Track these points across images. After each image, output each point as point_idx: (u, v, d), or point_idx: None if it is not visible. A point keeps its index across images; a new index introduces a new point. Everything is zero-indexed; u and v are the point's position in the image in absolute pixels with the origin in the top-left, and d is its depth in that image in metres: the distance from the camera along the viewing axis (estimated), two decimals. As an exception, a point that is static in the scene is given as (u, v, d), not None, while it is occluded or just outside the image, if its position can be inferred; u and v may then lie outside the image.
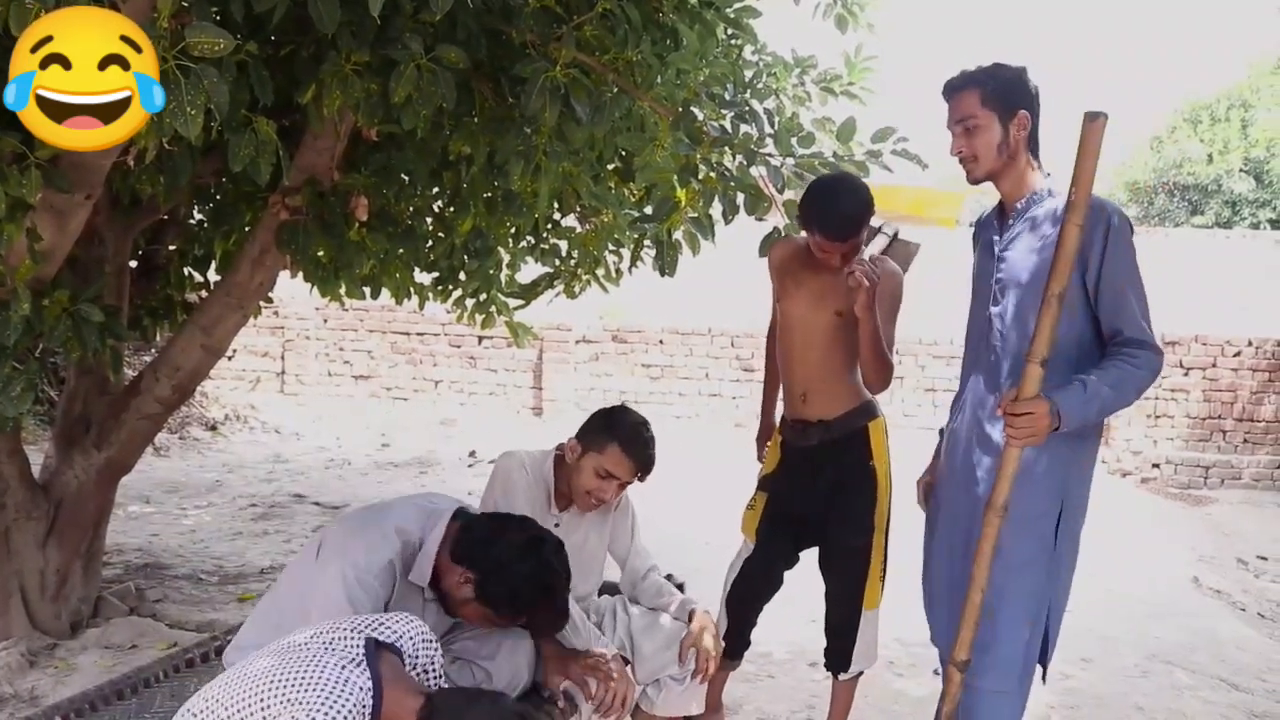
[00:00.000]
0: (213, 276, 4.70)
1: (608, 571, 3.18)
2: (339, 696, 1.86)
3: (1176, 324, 10.59)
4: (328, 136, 3.38)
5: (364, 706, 1.89)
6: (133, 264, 4.40)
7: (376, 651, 2.00)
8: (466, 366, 11.83)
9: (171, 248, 4.69)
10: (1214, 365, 10.68)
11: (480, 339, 11.57)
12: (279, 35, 3.04)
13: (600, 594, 3.17)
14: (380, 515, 2.54)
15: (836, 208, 2.92)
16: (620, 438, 2.81)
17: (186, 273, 4.74)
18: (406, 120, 2.70)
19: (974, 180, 2.68)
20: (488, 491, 2.96)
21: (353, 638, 2.02)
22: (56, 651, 3.80)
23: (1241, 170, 22.16)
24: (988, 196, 2.88)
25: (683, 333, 11.63)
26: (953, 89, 2.66)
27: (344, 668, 1.92)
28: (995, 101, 2.59)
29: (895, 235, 3.27)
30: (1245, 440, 10.62)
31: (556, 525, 2.94)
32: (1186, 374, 10.70)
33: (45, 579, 3.87)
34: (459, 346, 11.79)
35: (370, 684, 1.92)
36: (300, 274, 3.93)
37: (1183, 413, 10.72)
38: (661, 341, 11.63)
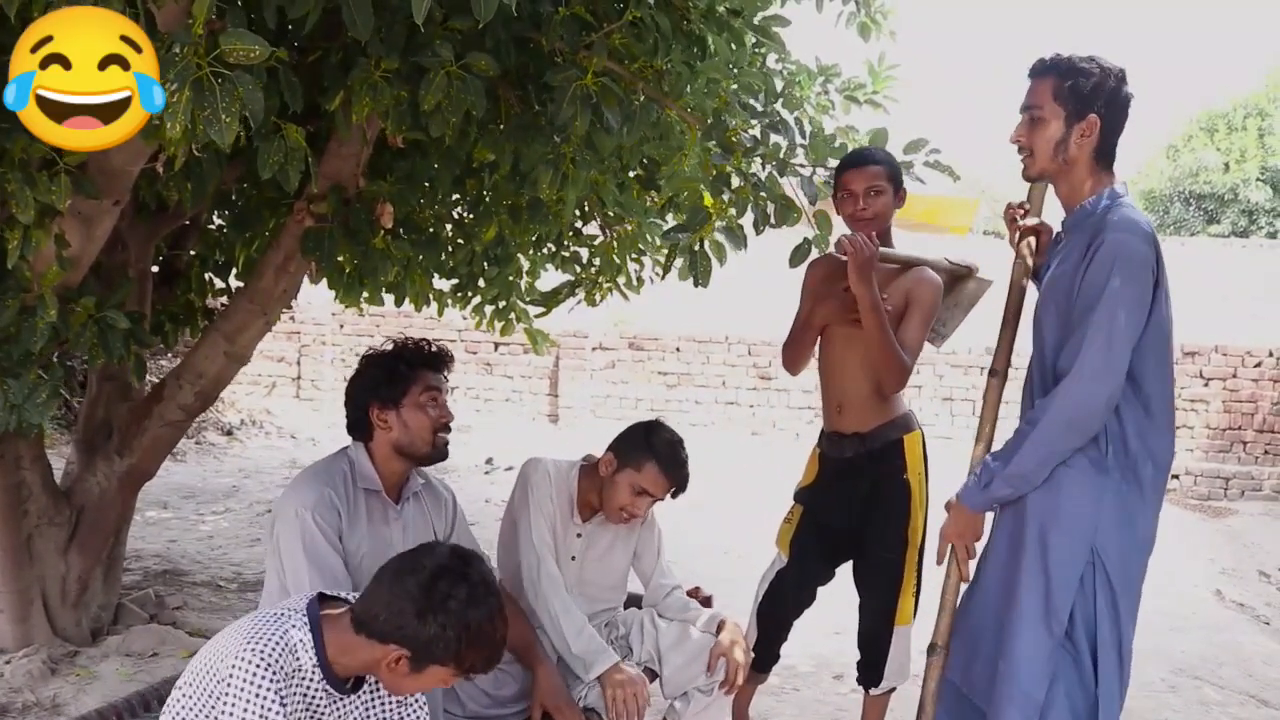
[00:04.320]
0: (234, 282, 4.69)
1: (632, 584, 3.16)
2: (266, 626, 1.86)
3: (1196, 334, 10.51)
4: (354, 143, 3.36)
5: (303, 635, 1.88)
6: (154, 269, 4.39)
7: (319, 602, 1.97)
8: (482, 373, 11.81)
9: (192, 253, 4.68)
10: (1234, 376, 10.60)
11: (496, 345, 11.56)
12: (307, 41, 3.03)
13: (626, 606, 3.15)
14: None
15: (860, 151, 3.13)
16: (658, 456, 2.79)
17: (207, 278, 4.74)
18: (435, 128, 2.68)
19: (1027, 176, 2.54)
20: (512, 498, 2.96)
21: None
22: (77, 659, 3.78)
23: (1258, 179, 22.04)
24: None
25: (700, 341, 11.59)
26: (1034, 71, 2.46)
27: (279, 614, 1.92)
28: (1068, 98, 2.38)
29: (971, 272, 3.24)
30: (1266, 452, 10.53)
31: (579, 535, 2.92)
32: (1206, 384, 10.63)
33: (66, 586, 3.86)
34: (475, 353, 11.77)
35: (307, 624, 1.89)
36: (323, 280, 3.91)
37: (1202, 424, 10.64)
38: (678, 349, 11.59)
